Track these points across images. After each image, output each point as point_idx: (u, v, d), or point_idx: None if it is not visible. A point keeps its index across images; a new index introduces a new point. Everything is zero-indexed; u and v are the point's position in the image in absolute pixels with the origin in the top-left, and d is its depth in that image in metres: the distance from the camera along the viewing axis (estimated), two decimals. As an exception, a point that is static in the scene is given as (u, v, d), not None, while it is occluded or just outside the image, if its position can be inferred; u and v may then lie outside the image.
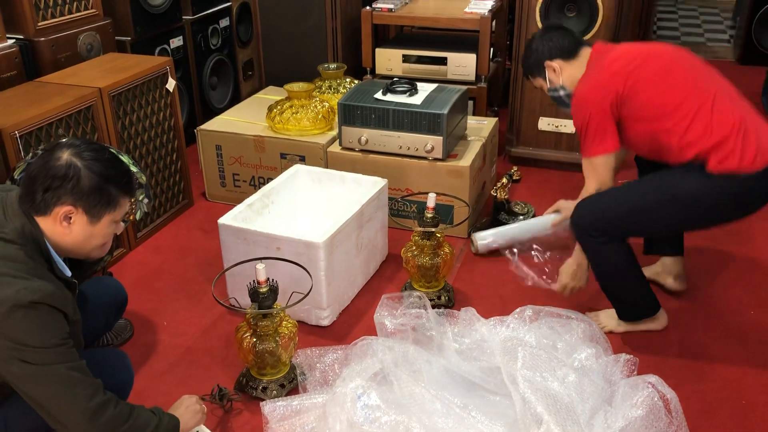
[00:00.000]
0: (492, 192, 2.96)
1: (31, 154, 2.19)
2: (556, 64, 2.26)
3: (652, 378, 1.88)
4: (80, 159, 1.53)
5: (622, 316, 2.32)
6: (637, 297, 2.28)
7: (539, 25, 3.22)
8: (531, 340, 2.07)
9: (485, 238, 2.80)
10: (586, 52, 2.26)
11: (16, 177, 2.07)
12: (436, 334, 2.15)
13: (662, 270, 2.52)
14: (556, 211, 2.68)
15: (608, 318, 2.35)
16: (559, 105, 2.37)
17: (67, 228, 1.55)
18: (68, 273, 1.62)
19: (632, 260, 2.20)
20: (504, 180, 2.95)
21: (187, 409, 1.81)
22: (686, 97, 2.03)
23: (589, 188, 2.22)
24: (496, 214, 2.98)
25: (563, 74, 2.26)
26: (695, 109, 2.01)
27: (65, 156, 1.52)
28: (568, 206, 2.58)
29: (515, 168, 3.02)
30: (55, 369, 1.47)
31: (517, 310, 2.27)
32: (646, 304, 2.29)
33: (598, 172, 2.19)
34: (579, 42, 2.28)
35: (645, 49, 2.16)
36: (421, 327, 2.20)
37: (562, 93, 2.30)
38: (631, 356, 2.09)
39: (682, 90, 2.04)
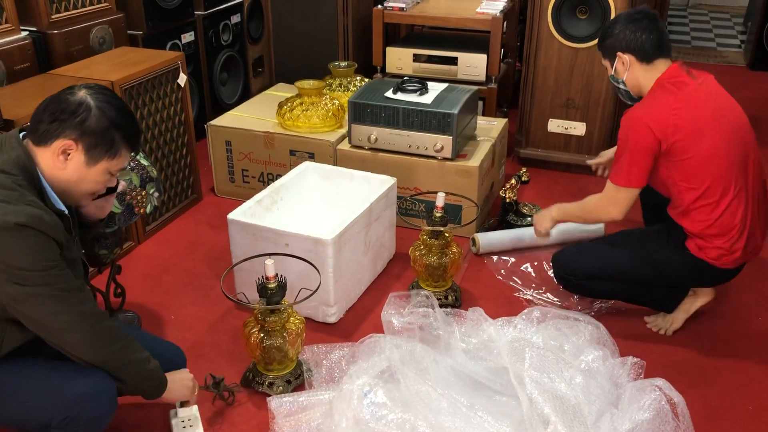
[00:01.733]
0: (500, 193, 2.96)
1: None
2: (627, 58, 2.14)
3: (660, 381, 1.88)
4: (94, 99, 1.55)
5: (667, 308, 2.37)
6: (657, 293, 2.33)
7: (551, 26, 3.22)
8: (538, 341, 2.07)
9: (488, 239, 2.81)
10: (662, 65, 2.13)
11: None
12: (443, 333, 2.15)
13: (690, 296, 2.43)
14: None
15: (663, 319, 2.38)
16: (615, 90, 2.31)
17: (63, 163, 1.55)
18: (62, 207, 1.61)
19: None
20: (513, 181, 2.95)
21: (180, 380, 1.83)
22: (714, 183, 2.06)
23: (604, 203, 2.21)
24: (504, 215, 2.98)
25: (630, 71, 2.16)
26: (715, 199, 2.06)
27: (81, 93, 1.55)
28: (539, 219, 2.59)
29: (524, 169, 3.01)
30: (48, 289, 1.50)
31: (525, 311, 2.27)
32: (671, 290, 2.34)
33: (618, 201, 2.16)
34: (662, 48, 2.13)
35: (715, 107, 2.09)
36: (428, 326, 2.21)
37: (621, 86, 2.23)
38: (638, 359, 2.09)
39: (717, 174, 2.05)
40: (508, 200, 2.94)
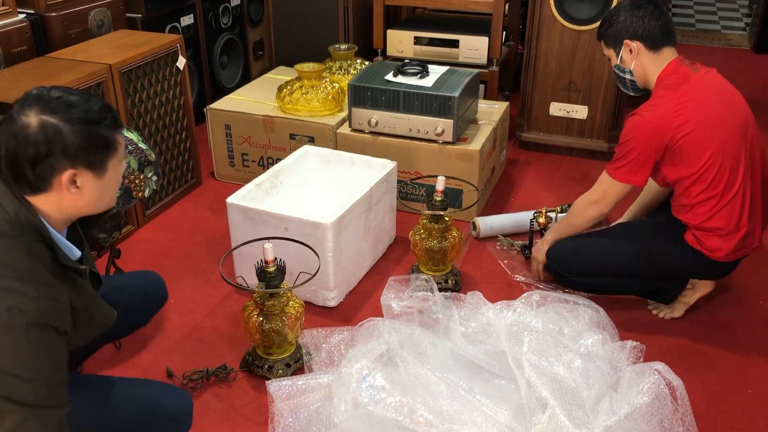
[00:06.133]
0: (535, 218, 2.68)
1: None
2: (635, 45, 2.11)
3: (659, 365, 1.87)
4: (51, 114, 1.31)
5: (664, 300, 2.35)
6: (653, 285, 2.29)
7: (553, 8, 3.19)
8: (537, 325, 2.07)
9: (488, 223, 2.80)
10: (668, 54, 2.11)
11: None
12: (443, 317, 2.15)
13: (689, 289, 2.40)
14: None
15: (665, 306, 2.37)
16: (618, 81, 2.28)
17: (78, 193, 1.36)
18: (76, 254, 1.46)
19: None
20: (559, 209, 2.68)
21: None
22: (720, 175, 2.03)
23: (591, 197, 2.23)
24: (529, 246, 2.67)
25: (637, 60, 2.13)
26: (718, 192, 2.04)
27: (32, 119, 1.30)
28: (536, 250, 2.48)
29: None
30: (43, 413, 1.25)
31: (524, 294, 2.27)
32: (668, 283, 2.31)
33: (608, 193, 2.17)
34: (669, 36, 2.11)
35: (721, 99, 2.07)
36: (428, 310, 2.20)
37: (627, 77, 2.20)
38: (638, 343, 2.08)
39: (723, 167, 2.03)
40: (541, 225, 2.64)
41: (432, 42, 3.54)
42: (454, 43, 3.49)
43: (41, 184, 1.33)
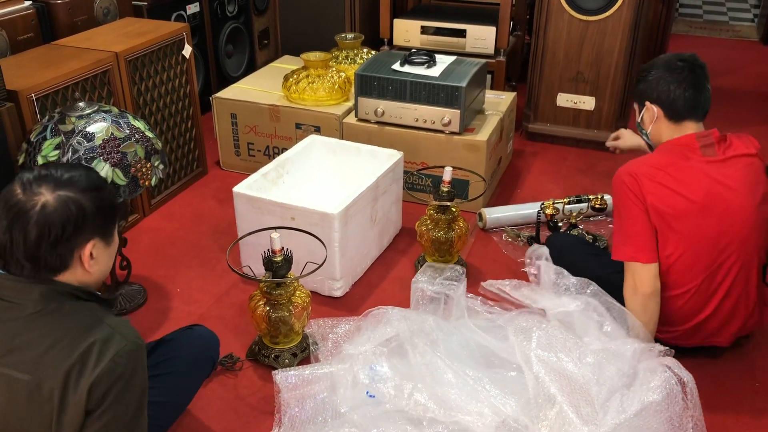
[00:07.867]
0: (542, 209, 2.66)
1: (47, 117, 2.18)
2: (656, 110, 1.94)
3: (669, 361, 1.84)
4: (65, 188, 1.26)
5: None
6: None
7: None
8: (573, 306, 1.99)
9: (495, 214, 2.79)
10: (689, 128, 1.92)
11: (32, 140, 2.07)
12: (458, 305, 2.10)
13: None
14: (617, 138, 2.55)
15: None
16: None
17: (94, 264, 1.32)
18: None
19: None
20: (565, 200, 2.65)
21: None
22: (687, 269, 1.89)
23: (627, 292, 1.94)
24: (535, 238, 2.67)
25: (655, 125, 1.96)
26: (685, 286, 1.91)
27: (50, 197, 1.24)
28: (625, 134, 2.48)
29: (598, 195, 2.65)
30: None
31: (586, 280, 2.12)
32: None
33: (636, 277, 1.89)
34: (693, 110, 1.90)
35: (710, 190, 1.84)
36: (450, 299, 2.14)
37: (644, 138, 2.06)
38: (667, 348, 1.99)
39: (680, 265, 1.88)
40: (548, 215, 2.63)
41: (439, 31, 3.52)
42: (461, 33, 3.47)
43: (60, 265, 1.28)
